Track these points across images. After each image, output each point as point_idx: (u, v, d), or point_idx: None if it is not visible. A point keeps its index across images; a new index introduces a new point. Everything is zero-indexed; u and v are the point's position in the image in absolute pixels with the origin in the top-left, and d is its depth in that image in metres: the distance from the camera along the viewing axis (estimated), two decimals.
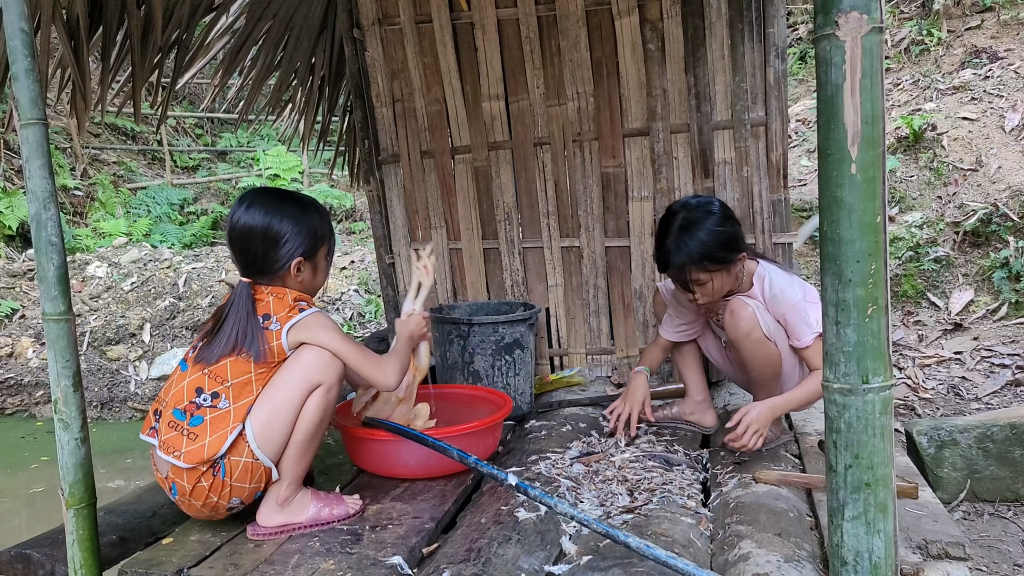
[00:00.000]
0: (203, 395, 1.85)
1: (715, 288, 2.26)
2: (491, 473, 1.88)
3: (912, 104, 6.23)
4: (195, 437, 1.81)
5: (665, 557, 1.54)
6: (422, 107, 3.34)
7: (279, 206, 1.95)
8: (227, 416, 1.83)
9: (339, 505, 1.97)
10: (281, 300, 1.93)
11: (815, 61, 1.19)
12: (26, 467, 4.77)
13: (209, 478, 1.82)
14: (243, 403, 1.84)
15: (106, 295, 6.65)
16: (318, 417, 1.87)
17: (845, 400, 1.19)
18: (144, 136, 11.18)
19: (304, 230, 1.96)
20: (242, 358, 1.86)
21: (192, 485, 1.81)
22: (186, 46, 3.54)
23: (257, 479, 1.86)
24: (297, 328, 1.89)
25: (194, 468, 1.80)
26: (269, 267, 1.94)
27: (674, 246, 2.22)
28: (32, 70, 1.63)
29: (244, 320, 1.87)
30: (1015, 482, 2.85)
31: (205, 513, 1.88)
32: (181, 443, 1.81)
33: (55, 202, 1.67)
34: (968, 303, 4.84)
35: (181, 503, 1.88)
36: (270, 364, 1.88)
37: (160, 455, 1.85)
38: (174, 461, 1.81)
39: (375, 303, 6.93)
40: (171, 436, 1.83)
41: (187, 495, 1.83)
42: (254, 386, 1.86)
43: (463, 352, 2.78)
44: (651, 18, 3.06)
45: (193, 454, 1.79)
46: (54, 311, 1.67)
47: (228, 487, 1.83)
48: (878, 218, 1.15)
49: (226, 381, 1.85)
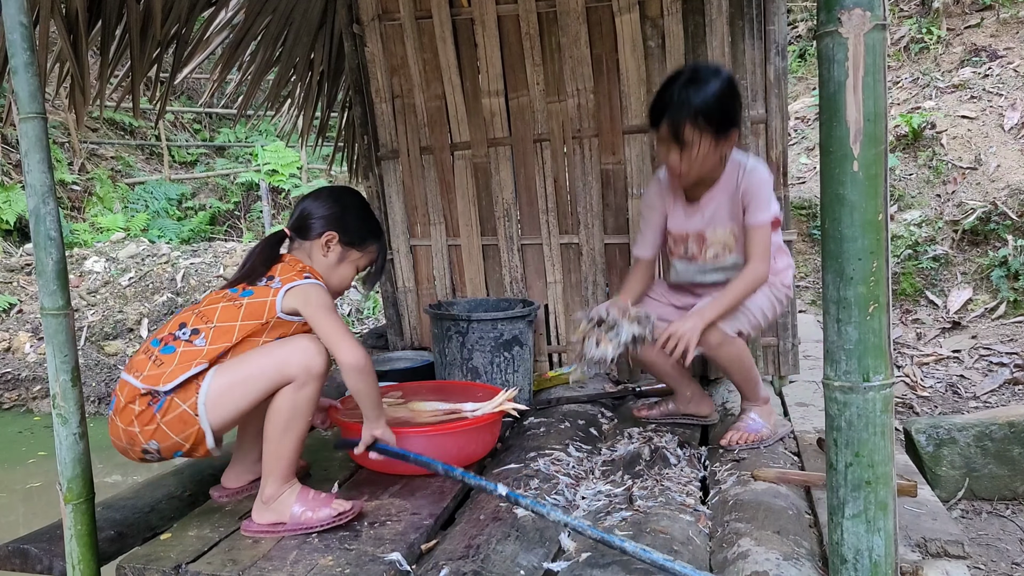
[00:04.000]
0: (184, 329, 1.88)
1: (698, 156, 2.21)
2: (480, 485, 1.86)
3: (911, 102, 6.23)
4: (160, 364, 1.82)
5: (662, 561, 1.53)
6: (422, 103, 3.33)
7: (356, 198, 2.16)
8: (197, 354, 1.82)
9: (323, 508, 1.88)
10: (291, 267, 1.96)
11: (817, 58, 1.18)
12: (23, 462, 4.77)
13: (143, 405, 1.79)
14: (217, 347, 1.83)
15: (104, 290, 6.63)
16: (287, 412, 1.83)
17: (846, 398, 1.18)
18: (142, 131, 11.16)
19: (356, 222, 2.10)
20: (234, 305, 1.88)
21: (126, 402, 1.80)
22: (185, 41, 3.53)
23: (185, 436, 1.80)
24: (295, 292, 1.90)
25: (135, 390, 1.79)
26: (309, 227, 2.05)
27: (676, 94, 2.18)
28: (31, 64, 1.63)
29: (259, 252, 1.98)
30: (1013, 480, 2.86)
31: (120, 443, 1.84)
32: (145, 366, 1.83)
33: (54, 196, 1.66)
34: (966, 301, 4.84)
35: (110, 421, 1.85)
36: (257, 320, 1.87)
37: (123, 375, 1.85)
38: (132, 380, 1.81)
39: (373, 299, 6.93)
40: (139, 360, 1.86)
41: (118, 411, 1.81)
42: (234, 336, 1.85)
43: (462, 349, 2.77)
44: (651, 15, 3.05)
45: (152, 378, 1.79)
46: (53, 306, 1.67)
47: (154, 425, 1.79)
48: (880, 216, 1.15)
49: (210, 323, 1.87)
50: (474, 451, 2.27)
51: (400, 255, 3.47)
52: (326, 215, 2.06)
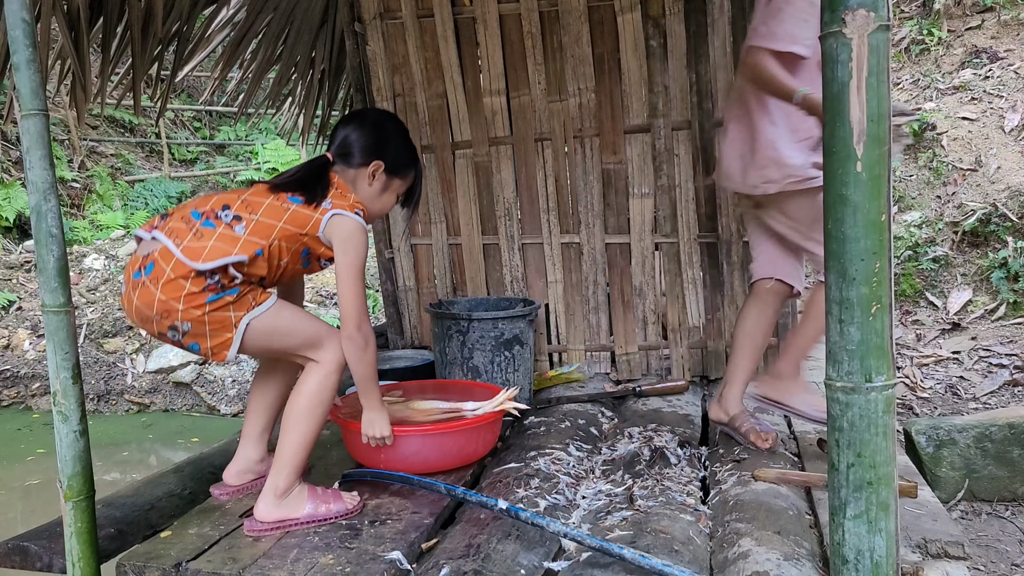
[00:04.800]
0: (227, 211, 1.86)
1: None
2: (480, 502, 1.87)
3: (912, 104, 6.23)
4: (200, 237, 1.80)
5: (661, 566, 1.54)
6: (423, 102, 3.33)
7: (397, 124, 2.17)
8: (235, 241, 1.81)
9: (336, 502, 1.94)
10: (343, 196, 1.96)
11: (821, 58, 1.18)
12: (22, 459, 4.77)
13: (197, 287, 1.76)
14: (254, 241, 1.83)
15: (103, 287, 6.63)
16: (314, 396, 1.86)
17: (848, 398, 1.18)
18: (142, 128, 11.14)
19: (399, 151, 2.10)
20: (281, 206, 1.88)
21: (176, 276, 1.76)
22: (186, 39, 3.53)
23: (216, 336, 1.79)
24: (341, 221, 1.90)
25: (186, 268, 1.75)
26: (356, 154, 2.03)
27: None
28: (33, 60, 1.62)
29: (308, 173, 1.97)
30: (1013, 482, 2.86)
31: (145, 312, 1.79)
32: (186, 236, 1.80)
33: (55, 193, 1.66)
34: (966, 303, 4.84)
35: (136, 287, 1.80)
36: (298, 229, 1.88)
37: (158, 235, 1.82)
38: (172, 245, 1.78)
39: (374, 298, 6.92)
40: (178, 227, 1.83)
41: (162, 280, 1.76)
42: (272, 235, 1.85)
43: (462, 348, 2.77)
44: (653, 14, 3.05)
45: (192, 251, 1.77)
46: (54, 303, 1.67)
47: (201, 312, 1.77)
48: (883, 216, 1.15)
49: (254, 214, 1.86)
50: (474, 450, 2.27)
51: (401, 254, 3.47)
52: (372, 144, 2.05)
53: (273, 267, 1.89)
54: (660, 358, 3.24)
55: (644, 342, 3.24)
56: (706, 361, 3.19)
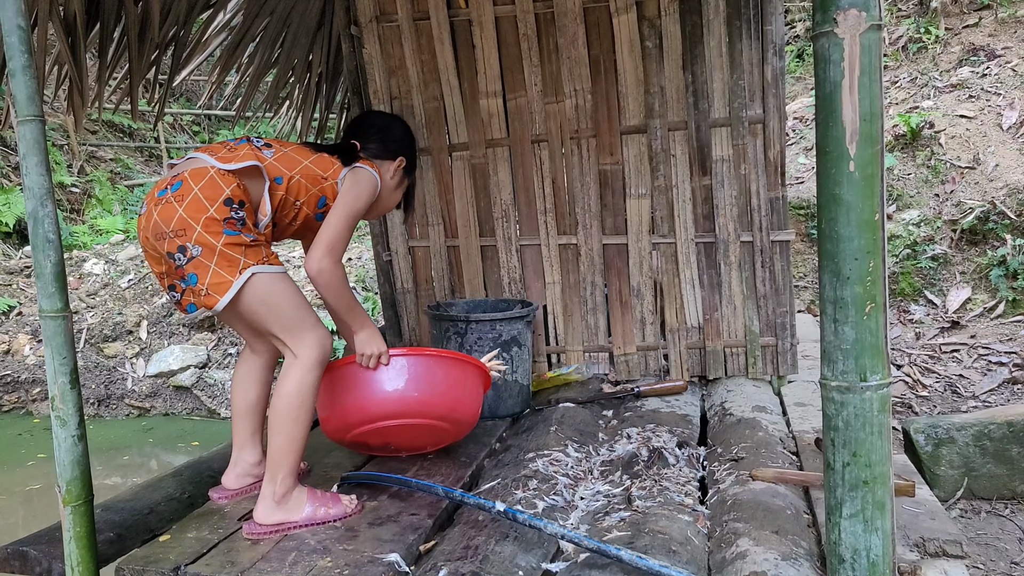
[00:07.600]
0: (258, 140, 2.04)
1: None
2: (478, 504, 1.86)
3: (910, 102, 6.23)
4: (232, 150, 1.96)
5: (658, 567, 1.54)
6: (420, 104, 3.33)
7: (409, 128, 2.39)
8: (262, 159, 1.97)
9: (335, 505, 1.95)
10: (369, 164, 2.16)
11: (814, 58, 1.19)
12: (23, 464, 4.77)
13: (224, 214, 1.81)
14: (278, 168, 1.99)
15: (103, 292, 6.63)
16: (295, 398, 1.86)
17: (843, 398, 1.19)
18: (141, 133, 11.15)
19: (413, 153, 2.34)
20: (309, 149, 2.06)
21: (203, 196, 1.81)
22: (183, 43, 3.53)
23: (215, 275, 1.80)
24: (359, 170, 2.10)
25: (216, 186, 1.83)
26: (385, 147, 2.23)
27: None
28: (29, 66, 1.63)
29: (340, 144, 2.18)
30: (1012, 480, 2.86)
31: (161, 228, 1.82)
32: (220, 151, 1.95)
33: (52, 199, 1.66)
34: (965, 301, 4.85)
35: (158, 203, 1.84)
36: (320, 172, 2.06)
37: (196, 154, 1.95)
38: (207, 158, 1.90)
39: (372, 300, 6.92)
40: (214, 146, 1.99)
41: (183, 199, 1.81)
42: (296, 169, 2.01)
43: (461, 349, 2.77)
44: (649, 15, 3.06)
45: (225, 159, 1.91)
46: (51, 308, 1.67)
47: (218, 241, 1.79)
48: (876, 216, 1.16)
49: (284, 148, 2.04)
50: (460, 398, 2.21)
51: (399, 256, 3.47)
52: (399, 140, 2.26)
53: (289, 204, 2.00)
54: (658, 358, 3.24)
55: (642, 342, 3.24)
56: (704, 361, 3.19)
